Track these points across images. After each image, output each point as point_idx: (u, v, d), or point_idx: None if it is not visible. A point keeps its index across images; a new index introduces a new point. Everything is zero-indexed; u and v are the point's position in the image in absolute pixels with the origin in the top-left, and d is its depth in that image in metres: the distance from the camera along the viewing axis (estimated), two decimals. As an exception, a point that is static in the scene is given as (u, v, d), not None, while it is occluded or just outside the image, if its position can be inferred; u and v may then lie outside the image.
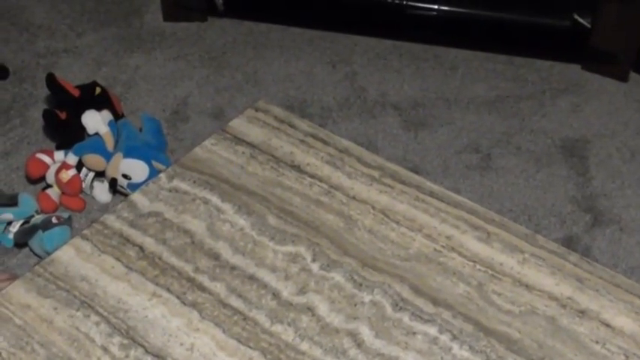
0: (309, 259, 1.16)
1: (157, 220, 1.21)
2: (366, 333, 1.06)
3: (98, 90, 2.18)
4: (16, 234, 1.94)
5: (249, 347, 1.04)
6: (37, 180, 2.11)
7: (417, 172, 1.52)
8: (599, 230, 2.03)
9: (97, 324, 1.07)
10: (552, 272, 1.15)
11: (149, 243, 1.17)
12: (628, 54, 2.45)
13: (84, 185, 2.07)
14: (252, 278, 1.13)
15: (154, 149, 2.08)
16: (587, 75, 2.51)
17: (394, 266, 1.15)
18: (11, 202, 1.97)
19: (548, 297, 1.12)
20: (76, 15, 2.74)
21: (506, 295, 1.12)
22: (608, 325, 1.08)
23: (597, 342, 1.06)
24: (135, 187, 1.98)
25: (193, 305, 1.09)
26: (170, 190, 1.26)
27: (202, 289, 1.11)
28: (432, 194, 1.26)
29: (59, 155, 2.10)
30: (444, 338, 1.06)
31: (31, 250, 1.95)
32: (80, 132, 2.09)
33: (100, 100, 2.15)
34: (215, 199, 1.24)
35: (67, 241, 1.20)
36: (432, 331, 1.07)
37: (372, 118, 2.36)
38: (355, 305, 1.10)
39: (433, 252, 1.17)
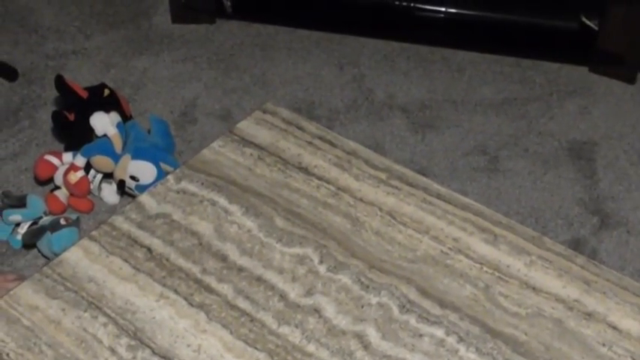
0: (316, 260, 1.16)
1: (165, 221, 1.21)
2: (372, 335, 1.07)
3: (106, 92, 2.19)
4: (25, 235, 1.95)
5: (256, 349, 1.05)
6: (46, 181, 2.12)
7: (424, 174, 1.52)
8: (606, 233, 2.02)
9: (105, 325, 1.07)
10: (559, 275, 1.15)
11: (157, 244, 1.18)
12: (635, 56, 2.45)
13: (92, 187, 2.08)
14: (259, 280, 1.13)
15: (162, 151, 2.09)
16: (595, 77, 2.51)
17: (401, 268, 1.15)
18: (20, 203, 1.98)
19: (555, 299, 1.12)
20: (84, 17, 2.75)
21: (513, 297, 1.12)
22: (615, 328, 1.08)
23: (604, 344, 1.06)
24: (143, 188, 1.98)
25: (201, 307, 1.09)
26: (178, 192, 1.26)
27: (210, 290, 1.12)
28: (439, 196, 1.26)
29: (67, 157, 2.10)
30: (451, 340, 1.06)
31: (39, 251, 1.96)
32: (88, 134, 2.10)
33: (109, 102, 2.16)
34: (223, 201, 1.24)
35: (75, 242, 1.21)
36: (439, 333, 1.07)
37: (380, 120, 2.36)
38: (362, 307, 1.10)
39: (440, 254, 1.17)
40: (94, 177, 2.08)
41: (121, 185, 2.04)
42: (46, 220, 1.96)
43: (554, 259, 1.17)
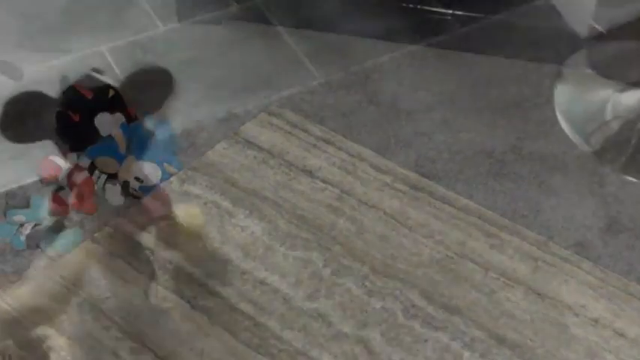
0: (320, 264, 1.15)
1: (169, 223, 1.21)
2: (376, 339, 1.06)
3: (111, 92, 2.18)
4: (28, 236, 1.94)
5: (260, 353, 1.04)
6: (50, 182, 2.11)
7: (429, 178, 1.51)
8: (612, 237, 2.01)
9: (108, 328, 1.07)
10: (565, 280, 1.14)
11: (160, 247, 1.17)
12: (643, 60, 2.44)
13: (96, 188, 2.07)
14: (262, 283, 1.12)
15: (166, 152, 2.08)
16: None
17: (406, 272, 1.14)
18: (24, 203, 1.98)
19: (560, 305, 1.11)
20: (88, 18, 2.75)
21: (519, 302, 1.11)
22: (621, 334, 1.08)
23: (610, 351, 1.05)
24: (147, 189, 1.98)
25: (204, 310, 1.09)
26: (182, 194, 1.25)
27: (213, 293, 1.11)
28: (444, 200, 1.25)
29: (72, 157, 2.10)
30: (456, 345, 1.05)
31: (42, 252, 1.95)
32: (93, 134, 2.09)
33: (114, 103, 2.15)
34: (226, 204, 1.24)
35: (78, 243, 1.21)
36: (444, 338, 1.06)
37: (385, 123, 2.35)
38: (366, 311, 1.09)
39: (445, 258, 1.17)
40: (99, 178, 2.07)
41: (126, 186, 2.03)
42: (49, 220, 1.96)
43: (560, 264, 1.16)
